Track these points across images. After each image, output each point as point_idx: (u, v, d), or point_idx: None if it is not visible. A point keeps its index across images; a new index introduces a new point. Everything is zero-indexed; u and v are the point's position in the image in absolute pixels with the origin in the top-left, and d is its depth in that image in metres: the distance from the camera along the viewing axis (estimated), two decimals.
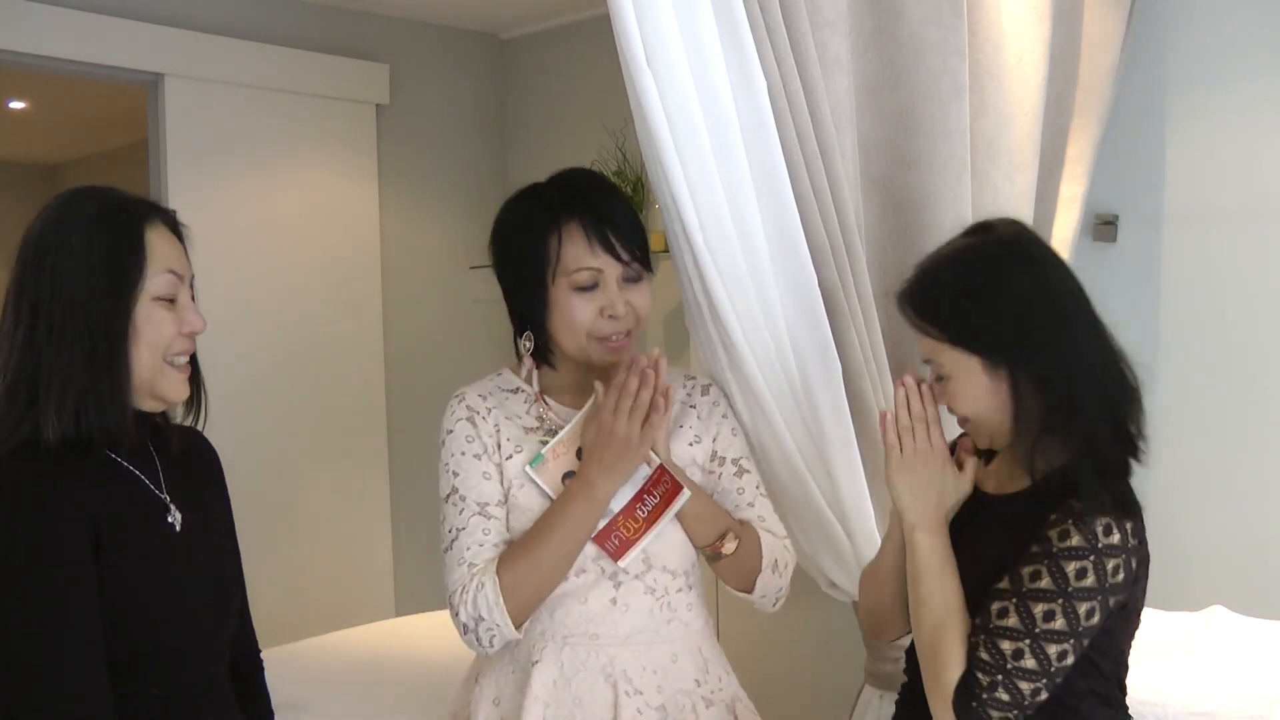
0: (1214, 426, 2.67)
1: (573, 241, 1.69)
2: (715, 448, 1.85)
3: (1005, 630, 1.46)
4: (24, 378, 1.39)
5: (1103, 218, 2.81)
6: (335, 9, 3.98)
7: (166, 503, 1.48)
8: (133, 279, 1.41)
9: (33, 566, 1.33)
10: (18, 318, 1.40)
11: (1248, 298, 2.67)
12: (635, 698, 1.71)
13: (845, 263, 2.03)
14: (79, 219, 1.41)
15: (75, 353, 1.37)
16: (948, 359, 1.55)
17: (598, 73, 3.81)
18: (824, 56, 2.00)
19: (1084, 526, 1.46)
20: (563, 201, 1.72)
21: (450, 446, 1.80)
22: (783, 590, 1.83)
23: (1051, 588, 1.45)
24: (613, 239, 1.69)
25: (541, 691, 1.70)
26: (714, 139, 1.78)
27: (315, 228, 3.91)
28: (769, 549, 1.80)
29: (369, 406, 4.07)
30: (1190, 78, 2.74)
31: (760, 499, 1.85)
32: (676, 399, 1.82)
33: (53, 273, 1.38)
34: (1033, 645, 1.44)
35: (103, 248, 1.40)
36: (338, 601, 3.71)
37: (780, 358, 1.93)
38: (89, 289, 1.38)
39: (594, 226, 1.69)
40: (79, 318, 1.38)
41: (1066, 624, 1.44)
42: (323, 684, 2.59)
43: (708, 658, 1.80)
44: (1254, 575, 2.63)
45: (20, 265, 1.42)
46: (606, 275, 1.70)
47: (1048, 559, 1.46)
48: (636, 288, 1.74)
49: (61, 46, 3.40)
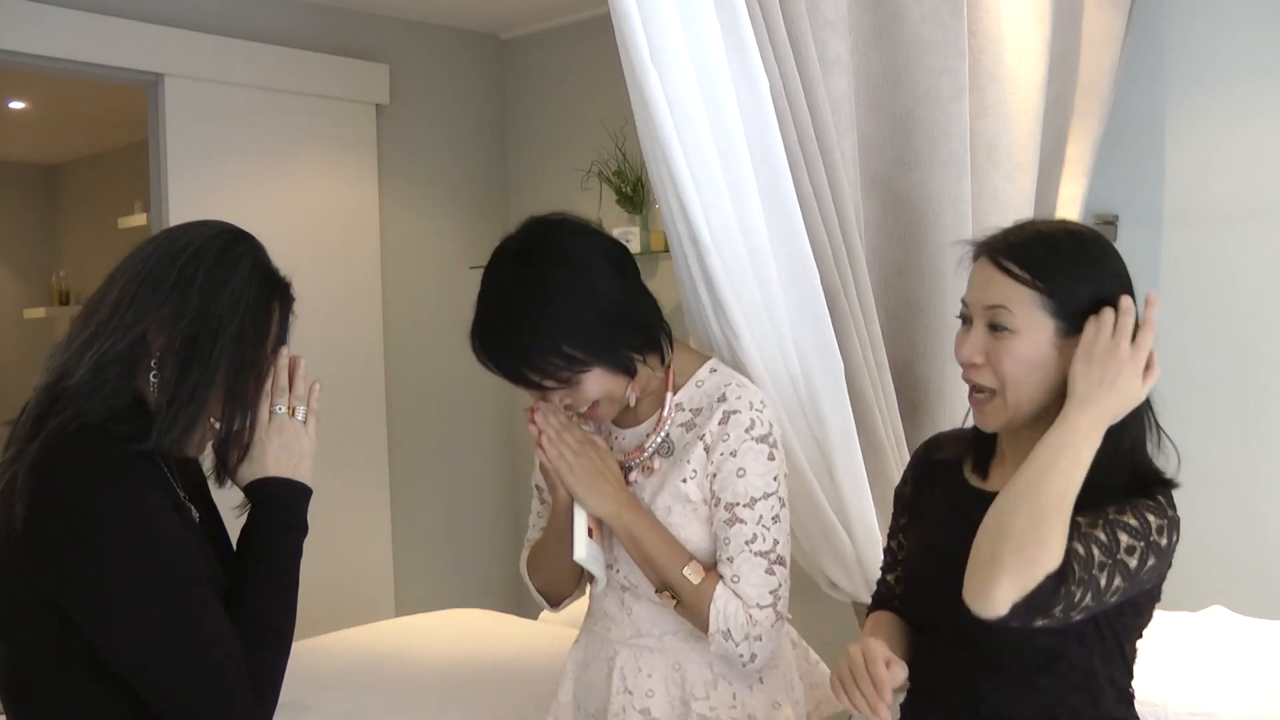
0: (1214, 426, 2.67)
1: None
2: (713, 486, 1.71)
3: (1097, 540, 1.41)
4: (119, 366, 1.40)
5: (1103, 218, 2.81)
6: (335, 9, 3.98)
7: (185, 500, 1.50)
8: (273, 343, 1.51)
9: (146, 533, 1.35)
10: (146, 306, 1.41)
11: (1248, 297, 2.67)
12: (623, 695, 1.77)
13: (845, 263, 2.03)
14: (241, 264, 1.47)
15: (212, 385, 1.42)
16: (1022, 312, 1.48)
17: (598, 73, 3.82)
18: (824, 56, 2.00)
19: (1161, 501, 1.46)
20: (478, 347, 1.76)
21: None
22: (745, 658, 1.69)
23: (1137, 526, 1.42)
24: (522, 383, 1.70)
25: (572, 668, 1.89)
26: (718, 139, 1.78)
27: (315, 228, 3.91)
28: (721, 616, 1.67)
29: (369, 406, 4.07)
30: (1190, 78, 2.74)
31: (746, 556, 1.68)
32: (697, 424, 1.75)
33: (205, 291, 1.43)
34: (1113, 567, 1.40)
35: (262, 309, 1.49)
36: (338, 601, 3.71)
37: (784, 357, 1.93)
38: (241, 339, 1.45)
39: (505, 372, 1.71)
40: (231, 356, 1.43)
41: (1138, 564, 1.41)
42: (323, 684, 2.59)
43: (720, 672, 1.75)
44: (1254, 575, 2.63)
45: (164, 259, 1.44)
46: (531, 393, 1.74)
47: (1132, 507, 1.44)
48: (571, 389, 1.69)
49: (61, 46, 3.39)
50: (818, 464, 2.01)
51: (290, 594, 1.50)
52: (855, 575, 2.12)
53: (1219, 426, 2.67)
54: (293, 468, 1.52)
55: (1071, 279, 1.48)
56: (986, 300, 1.51)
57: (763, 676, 1.78)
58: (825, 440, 1.99)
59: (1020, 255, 1.50)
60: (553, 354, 1.65)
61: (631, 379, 1.71)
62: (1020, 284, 1.48)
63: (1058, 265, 1.49)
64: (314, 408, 1.56)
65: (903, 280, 2.26)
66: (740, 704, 1.75)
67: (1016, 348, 1.49)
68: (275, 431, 1.52)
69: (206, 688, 1.36)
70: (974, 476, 1.64)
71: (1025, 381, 1.49)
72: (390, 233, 4.15)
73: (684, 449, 1.74)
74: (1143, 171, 2.79)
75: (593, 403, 1.71)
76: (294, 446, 1.52)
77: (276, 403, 1.53)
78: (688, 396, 1.77)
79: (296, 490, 1.52)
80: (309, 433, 1.54)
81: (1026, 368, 1.49)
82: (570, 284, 1.65)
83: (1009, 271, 1.49)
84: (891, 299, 2.25)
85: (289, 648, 1.48)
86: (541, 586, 1.88)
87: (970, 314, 1.54)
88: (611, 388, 1.70)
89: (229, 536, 1.61)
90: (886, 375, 2.16)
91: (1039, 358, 1.49)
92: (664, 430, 1.76)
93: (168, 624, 1.34)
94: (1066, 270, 1.49)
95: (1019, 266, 1.49)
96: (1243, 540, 2.66)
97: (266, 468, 1.51)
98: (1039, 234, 1.54)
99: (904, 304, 2.26)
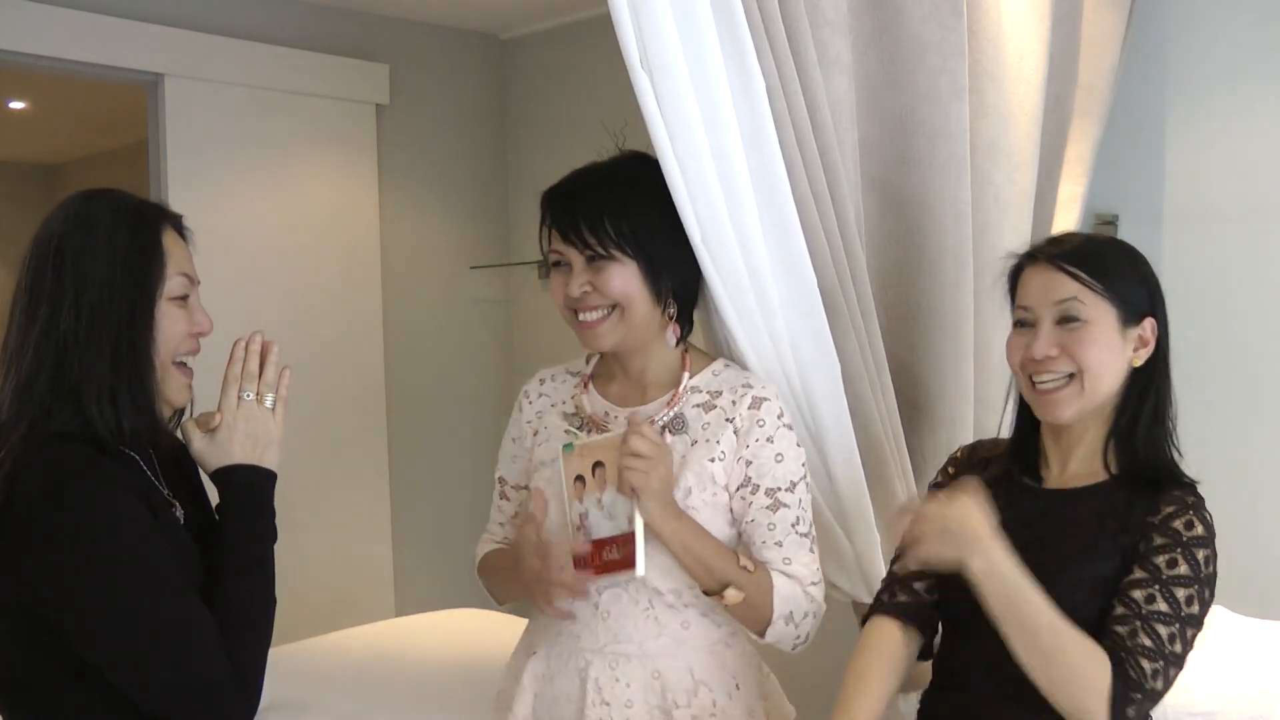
0: (1214, 426, 2.67)
1: (548, 228, 1.77)
2: (749, 473, 1.72)
3: (1159, 615, 1.47)
4: (44, 375, 1.40)
5: (1103, 218, 2.81)
6: (335, 9, 3.98)
7: (169, 498, 1.50)
8: (154, 280, 1.45)
9: (120, 531, 1.35)
10: (33, 317, 1.42)
11: (1248, 297, 2.67)
12: (600, 708, 1.70)
13: (844, 263, 2.03)
14: (99, 221, 1.44)
15: (103, 354, 1.40)
16: (1090, 302, 1.60)
17: (598, 73, 3.82)
18: (824, 57, 2.00)
19: (1201, 517, 1.54)
20: (548, 194, 1.79)
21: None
22: (801, 638, 1.73)
23: (1189, 574, 1.49)
24: (568, 224, 1.71)
25: (530, 682, 1.78)
26: (712, 140, 1.78)
27: (315, 228, 3.91)
28: (784, 600, 1.69)
29: (369, 406, 4.07)
30: (1190, 78, 2.73)
31: (793, 538, 1.72)
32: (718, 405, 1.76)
33: (74, 274, 1.41)
34: (1181, 629, 1.47)
35: (124, 249, 1.43)
36: (338, 601, 3.71)
37: (780, 359, 1.93)
38: (113, 291, 1.41)
39: (556, 212, 1.74)
40: (104, 319, 1.41)
41: (1200, 608, 1.49)
42: (323, 684, 2.60)
43: (701, 679, 1.73)
44: (1254, 575, 2.63)
45: (36, 266, 1.44)
46: (568, 257, 1.73)
47: (1180, 547, 1.51)
48: (603, 271, 1.70)
49: (61, 46, 3.39)
50: (816, 465, 2.01)
51: (265, 583, 1.48)
52: (854, 576, 2.12)
53: (1218, 426, 2.67)
54: (258, 454, 1.51)
55: (1123, 276, 1.63)
56: (1056, 296, 1.62)
57: (740, 683, 1.77)
58: (823, 441, 1.99)
59: (1077, 257, 1.62)
60: (615, 218, 1.69)
61: (655, 305, 1.73)
62: (1081, 283, 1.61)
63: (1111, 263, 1.64)
64: (282, 394, 1.55)
65: (902, 281, 2.26)
66: (720, 711, 1.73)
67: (1093, 334, 1.61)
68: (242, 418, 1.51)
69: (190, 682, 1.36)
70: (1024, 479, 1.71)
71: (1103, 365, 1.61)
72: (390, 233, 4.15)
73: (705, 429, 1.74)
74: (1143, 171, 2.79)
75: (607, 307, 1.71)
76: (260, 433, 1.52)
77: (245, 389, 1.52)
78: (703, 381, 1.79)
79: (263, 476, 1.52)
80: (276, 419, 1.54)
81: (1104, 352, 1.61)
82: (661, 192, 1.73)
83: (1070, 272, 1.61)
84: (891, 299, 2.25)
85: (269, 638, 1.47)
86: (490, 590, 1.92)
87: (1033, 316, 1.65)
88: (633, 298, 1.71)
89: None
90: (885, 376, 2.16)
91: (1112, 342, 1.61)
92: (678, 406, 1.76)
93: (145, 621, 1.34)
94: (1119, 268, 1.64)
95: (1078, 267, 1.61)
96: (1242, 540, 2.65)
97: (233, 454, 1.50)
98: (1088, 239, 1.72)
99: (903, 304, 2.26)
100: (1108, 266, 1.63)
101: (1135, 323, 1.63)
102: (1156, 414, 1.63)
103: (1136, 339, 1.63)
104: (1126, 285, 1.63)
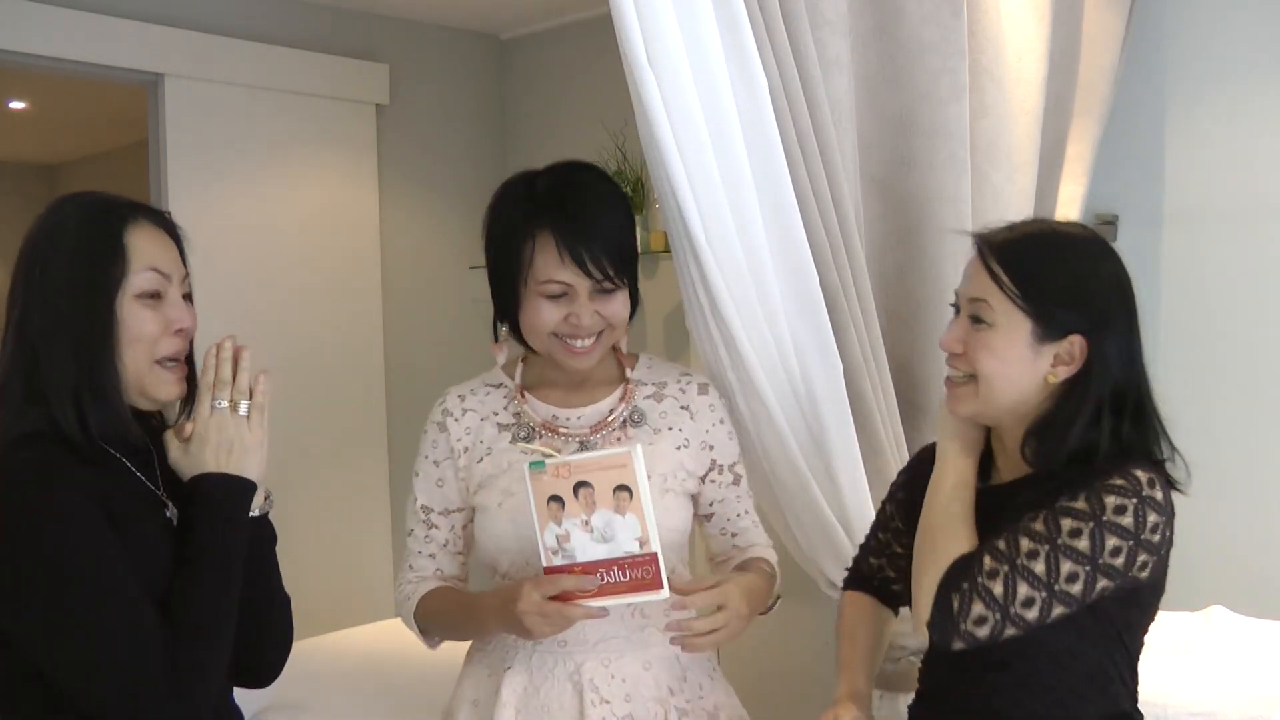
0: (1214, 426, 2.67)
1: (544, 252, 1.65)
2: (713, 456, 1.81)
3: (1030, 531, 1.44)
4: (17, 377, 1.42)
5: (1102, 218, 2.81)
6: (335, 9, 3.98)
7: (163, 498, 1.50)
8: (111, 278, 1.43)
9: (66, 534, 1.35)
10: (9, 321, 1.44)
11: (1247, 297, 2.67)
12: (601, 707, 1.70)
13: (845, 263, 2.03)
14: (66, 223, 1.45)
15: (65, 354, 1.41)
16: (1001, 309, 1.51)
17: (598, 73, 3.82)
18: (824, 56, 2.00)
19: (1128, 474, 1.45)
20: (542, 209, 1.67)
21: (420, 447, 1.83)
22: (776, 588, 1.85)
23: (1085, 510, 1.43)
24: (584, 254, 1.64)
25: (511, 697, 1.72)
26: (715, 138, 1.79)
27: (315, 228, 3.91)
28: (773, 565, 1.83)
29: (369, 406, 4.07)
30: (1190, 78, 2.74)
31: (750, 504, 1.87)
32: (668, 395, 1.81)
33: (41, 277, 1.43)
34: (1050, 552, 1.42)
35: (84, 249, 1.43)
36: (337, 601, 3.71)
37: (781, 357, 1.93)
38: (72, 290, 1.42)
39: (565, 240, 1.64)
40: (66, 319, 1.42)
41: (1089, 547, 1.42)
42: (323, 684, 2.60)
43: (685, 665, 1.77)
44: (1254, 575, 2.63)
45: (14, 271, 1.46)
46: (576, 288, 1.66)
47: (1087, 489, 1.45)
48: (609, 299, 1.68)
49: (61, 46, 3.39)
50: (816, 465, 2.01)
51: (223, 591, 1.44)
52: None
53: (1218, 426, 2.67)
54: (234, 463, 1.48)
55: (1049, 289, 1.51)
56: (970, 293, 1.56)
57: (715, 664, 1.83)
58: (824, 441, 1.99)
59: (1005, 256, 1.53)
60: (624, 246, 1.69)
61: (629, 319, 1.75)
62: (998, 284, 1.52)
63: (1038, 271, 1.52)
64: (258, 401, 1.52)
65: (903, 280, 2.26)
66: (706, 694, 1.78)
67: (991, 341, 1.53)
68: (214, 427, 1.48)
69: (126, 685, 1.35)
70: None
71: (998, 376, 1.53)
72: (390, 233, 4.15)
73: (663, 418, 1.79)
74: (1143, 171, 2.79)
75: (603, 329, 1.71)
76: (234, 441, 1.49)
77: (218, 396, 1.50)
78: (643, 374, 1.83)
79: (237, 485, 1.48)
80: (252, 427, 1.50)
81: (1000, 362, 1.52)
82: (630, 210, 1.75)
83: (991, 271, 1.53)
84: (891, 299, 2.25)
85: (222, 645, 1.43)
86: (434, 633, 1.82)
87: (959, 304, 1.60)
88: (623, 320, 1.73)
89: None
90: (886, 375, 2.16)
91: (1013, 355, 1.52)
92: (634, 400, 1.79)
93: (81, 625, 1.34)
94: (1046, 279, 1.51)
95: (1001, 267, 1.52)
96: (1243, 540, 2.66)
97: (205, 463, 1.48)
98: (1030, 236, 1.57)
99: (904, 304, 2.26)
100: (1036, 273, 1.51)
101: (1054, 338, 1.50)
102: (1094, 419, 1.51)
103: (1054, 356, 1.51)
104: (1052, 297, 1.50)
